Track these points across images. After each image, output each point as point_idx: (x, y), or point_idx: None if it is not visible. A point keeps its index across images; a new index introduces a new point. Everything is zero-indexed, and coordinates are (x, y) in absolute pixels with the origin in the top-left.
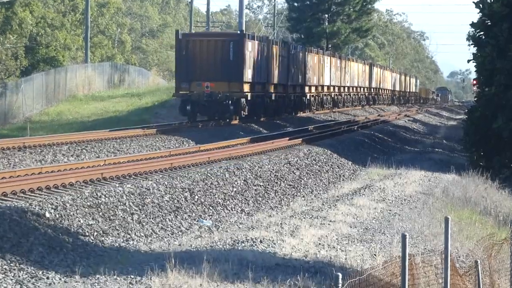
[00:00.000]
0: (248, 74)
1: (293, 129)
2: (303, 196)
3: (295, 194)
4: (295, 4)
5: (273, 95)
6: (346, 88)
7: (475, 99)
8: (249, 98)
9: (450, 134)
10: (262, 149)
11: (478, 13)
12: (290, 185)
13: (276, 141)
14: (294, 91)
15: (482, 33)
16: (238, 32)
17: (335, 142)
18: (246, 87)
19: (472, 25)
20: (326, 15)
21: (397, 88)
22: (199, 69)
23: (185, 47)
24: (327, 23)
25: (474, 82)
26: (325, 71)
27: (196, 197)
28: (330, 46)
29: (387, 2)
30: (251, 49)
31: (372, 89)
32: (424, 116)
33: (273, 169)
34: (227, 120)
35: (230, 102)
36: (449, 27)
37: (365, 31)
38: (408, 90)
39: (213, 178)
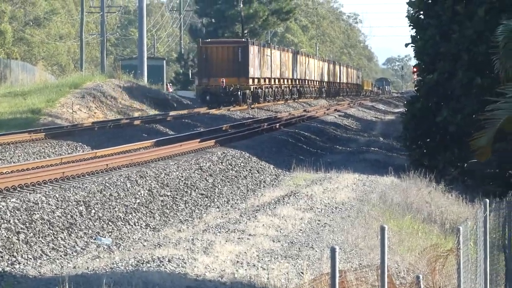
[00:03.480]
0: (251, 71)
1: (204, 129)
2: (218, 207)
3: (208, 204)
4: None
5: None
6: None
7: (416, 88)
8: (252, 89)
9: (387, 131)
10: (169, 153)
11: None
12: (202, 194)
13: (184, 144)
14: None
15: (421, 12)
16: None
17: (254, 143)
18: (251, 81)
19: (410, 3)
20: None
21: (326, 79)
22: (215, 68)
23: (204, 52)
24: (241, 5)
25: (415, 69)
26: None
27: (93, 211)
28: (246, 31)
29: None
30: (252, 52)
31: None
32: (357, 110)
33: (182, 176)
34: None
35: (240, 93)
36: (385, 6)
37: (286, 13)
38: (340, 81)
39: (112, 188)
